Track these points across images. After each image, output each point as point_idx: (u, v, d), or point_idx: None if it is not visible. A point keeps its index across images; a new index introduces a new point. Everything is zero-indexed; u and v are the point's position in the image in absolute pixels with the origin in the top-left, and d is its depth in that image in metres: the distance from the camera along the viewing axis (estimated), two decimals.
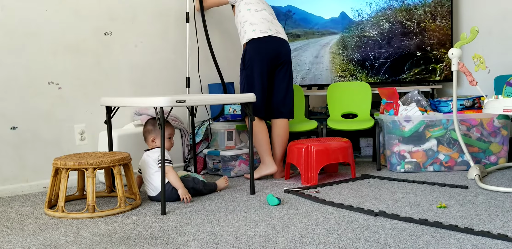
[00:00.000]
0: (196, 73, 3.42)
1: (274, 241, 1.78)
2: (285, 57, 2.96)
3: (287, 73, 2.98)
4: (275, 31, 2.93)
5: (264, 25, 2.91)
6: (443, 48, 3.75)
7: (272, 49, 2.90)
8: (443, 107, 3.20)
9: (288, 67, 2.99)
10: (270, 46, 2.90)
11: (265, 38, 2.88)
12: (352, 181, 2.86)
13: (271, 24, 2.95)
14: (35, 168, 2.75)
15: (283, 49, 2.95)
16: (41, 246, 1.78)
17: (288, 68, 2.99)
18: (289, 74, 3.01)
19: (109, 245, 1.78)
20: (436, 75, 3.80)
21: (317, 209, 2.22)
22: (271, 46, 2.90)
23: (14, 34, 2.72)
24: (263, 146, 2.89)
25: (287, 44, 2.99)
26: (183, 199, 2.35)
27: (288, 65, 2.99)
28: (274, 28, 2.95)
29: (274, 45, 2.91)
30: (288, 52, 2.99)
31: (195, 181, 2.53)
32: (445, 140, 3.08)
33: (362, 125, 3.26)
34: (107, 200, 2.51)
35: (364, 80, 3.82)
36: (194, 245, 1.76)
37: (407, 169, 3.10)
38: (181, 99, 2.22)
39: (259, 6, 2.99)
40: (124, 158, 2.32)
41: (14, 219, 2.18)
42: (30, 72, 2.79)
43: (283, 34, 2.99)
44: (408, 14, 3.78)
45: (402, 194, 2.48)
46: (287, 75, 2.99)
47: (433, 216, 2.06)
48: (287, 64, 2.98)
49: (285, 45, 2.97)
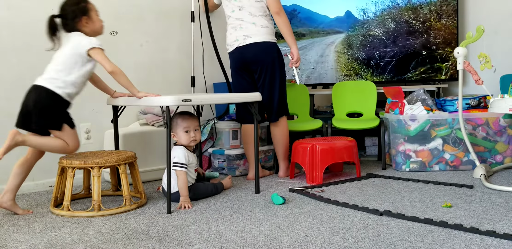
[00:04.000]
0: (201, 72, 3.43)
1: (278, 240, 1.78)
2: (255, 61, 2.81)
3: (266, 77, 2.83)
4: (242, 39, 2.79)
5: (232, 37, 2.85)
6: (448, 47, 3.73)
7: (238, 60, 2.86)
8: (449, 107, 3.19)
9: (265, 71, 2.82)
10: (237, 57, 2.86)
11: (232, 53, 2.88)
12: (357, 180, 2.86)
13: (239, 31, 2.80)
14: (41, 167, 2.75)
15: (248, 55, 2.80)
16: (47, 245, 1.79)
17: (265, 72, 2.82)
18: (269, 77, 2.83)
19: (114, 243, 1.79)
20: (442, 74, 3.78)
21: (322, 208, 2.22)
22: (237, 57, 2.86)
23: (20, 34, 2.74)
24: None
25: (255, 47, 2.78)
26: (181, 206, 2.29)
27: (264, 68, 2.81)
28: (242, 34, 2.79)
29: (240, 55, 2.84)
30: (257, 54, 2.79)
31: (208, 189, 2.50)
32: (450, 139, 3.07)
33: (367, 124, 3.26)
34: (112, 199, 2.52)
35: (369, 79, 3.82)
36: (199, 243, 1.76)
37: (413, 168, 3.09)
38: (187, 99, 2.23)
39: (229, 8, 2.86)
40: (129, 157, 2.33)
41: (20, 217, 2.20)
42: (36, 72, 2.79)
43: (253, 36, 2.77)
44: (414, 13, 3.76)
45: (407, 193, 2.48)
46: (267, 79, 2.83)
47: (439, 215, 2.06)
48: (264, 67, 2.81)
49: (251, 50, 2.79)
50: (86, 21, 2.31)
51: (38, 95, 2.23)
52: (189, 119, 2.44)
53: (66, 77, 2.25)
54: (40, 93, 2.23)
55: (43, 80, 2.25)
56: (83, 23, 2.30)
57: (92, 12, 2.34)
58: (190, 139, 2.43)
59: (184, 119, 2.42)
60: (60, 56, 2.28)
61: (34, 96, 2.23)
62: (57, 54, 2.31)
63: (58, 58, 2.28)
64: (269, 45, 2.81)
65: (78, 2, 2.31)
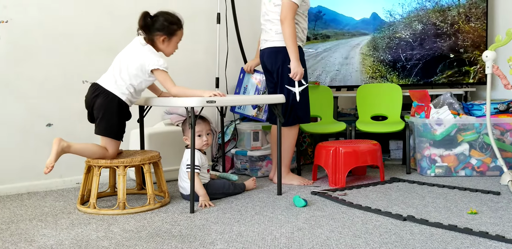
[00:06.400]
0: (223, 73, 3.45)
1: (300, 243, 1.78)
2: (269, 65, 2.79)
3: (278, 81, 2.78)
4: (263, 43, 2.83)
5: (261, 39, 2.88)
6: (477, 50, 3.66)
7: (261, 62, 2.89)
8: (476, 111, 3.13)
9: (276, 75, 2.78)
10: (261, 60, 2.89)
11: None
12: (380, 184, 2.84)
13: (263, 35, 2.84)
14: (69, 164, 2.83)
15: (264, 59, 2.82)
16: (74, 241, 1.84)
17: (276, 76, 2.78)
18: (280, 81, 2.76)
19: (138, 241, 1.82)
20: (470, 78, 3.71)
21: (344, 212, 2.21)
22: (261, 60, 2.89)
23: (51, 35, 2.81)
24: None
25: (268, 51, 2.78)
26: (202, 205, 2.33)
27: (275, 72, 2.77)
28: (263, 38, 2.83)
29: (261, 58, 2.87)
30: (269, 59, 2.78)
31: (225, 185, 2.54)
32: (477, 144, 3.02)
33: (392, 127, 3.23)
34: (137, 197, 2.57)
35: (395, 82, 3.77)
36: (221, 243, 1.78)
37: (438, 173, 3.04)
38: (212, 100, 2.25)
39: (262, 11, 2.85)
40: (154, 157, 2.37)
41: (48, 213, 2.26)
42: (65, 72, 2.88)
43: (269, 41, 2.77)
44: (442, 15, 3.70)
45: (431, 199, 2.45)
46: (278, 83, 2.78)
47: (463, 222, 2.02)
48: (275, 72, 2.77)
49: (265, 54, 2.80)
50: (164, 41, 2.38)
51: (106, 101, 2.28)
52: (201, 124, 2.47)
53: (132, 84, 2.32)
54: (108, 98, 2.29)
55: (109, 84, 2.30)
56: (161, 40, 2.37)
57: (176, 37, 2.41)
58: (203, 143, 2.47)
59: (196, 124, 2.42)
60: (126, 63, 2.32)
61: (102, 101, 2.28)
62: (124, 57, 2.35)
63: (124, 65, 2.33)
64: (279, 49, 2.72)
65: (173, 22, 2.39)
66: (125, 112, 2.36)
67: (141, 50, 2.34)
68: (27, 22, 2.73)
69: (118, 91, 2.29)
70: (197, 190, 2.35)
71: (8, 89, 2.69)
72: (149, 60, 2.30)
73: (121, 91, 2.30)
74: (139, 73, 2.32)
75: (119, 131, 2.33)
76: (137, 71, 2.32)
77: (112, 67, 2.37)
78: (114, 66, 2.36)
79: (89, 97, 2.33)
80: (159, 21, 2.35)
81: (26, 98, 2.74)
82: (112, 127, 2.30)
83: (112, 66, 2.37)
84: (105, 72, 2.38)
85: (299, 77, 2.69)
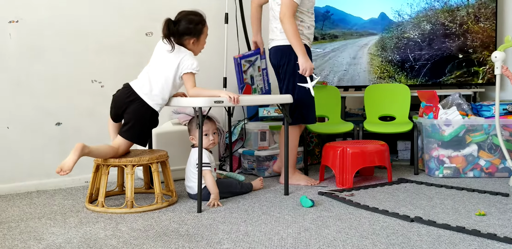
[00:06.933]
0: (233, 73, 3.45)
1: (306, 243, 1.79)
2: (276, 64, 2.79)
3: (283, 80, 2.78)
4: (270, 42, 2.83)
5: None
6: (486, 50, 3.64)
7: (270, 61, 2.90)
8: (485, 112, 3.11)
9: (281, 74, 2.78)
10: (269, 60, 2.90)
11: None
12: (388, 185, 2.83)
13: (269, 33, 2.84)
14: (78, 163, 2.81)
15: (270, 58, 2.84)
16: (82, 239, 1.85)
17: (282, 75, 2.78)
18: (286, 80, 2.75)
19: (146, 240, 1.83)
20: (479, 79, 3.69)
21: (351, 213, 2.20)
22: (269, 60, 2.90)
23: (62, 34, 2.84)
24: None
25: (273, 50, 2.80)
26: (211, 204, 2.34)
27: (281, 71, 2.77)
28: (270, 37, 2.83)
29: (269, 58, 2.88)
30: (275, 58, 2.78)
31: (233, 184, 2.55)
32: (486, 145, 3.00)
33: (400, 127, 3.21)
34: (145, 196, 2.58)
35: (403, 82, 3.76)
36: (228, 243, 1.79)
37: (446, 174, 3.03)
38: (219, 100, 2.26)
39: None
40: (161, 156, 2.38)
41: (57, 211, 2.28)
42: (75, 71, 2.90)
43: (275, 40, 2.78)
44: (450, 15, 3.68)
45: (439, 200, 2.44)
46: (283, 82, 2.77)
47: (471, 223, 2.01)
48: (281, 71, 2.77)
49: (271, 53, 2.82)
50: (193, 42, 2.39)
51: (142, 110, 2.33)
52: (208, 123, 2.48)
53: (165, 94, 2.35)
54: (144, 107, 2.33)
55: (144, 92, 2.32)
56: (190, 43, 2.38)
57: (203, 35, 2.41)
58: (209, 142, 2.48)
59: (204, 123, 2.42)
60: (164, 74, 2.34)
61: (136, 108, 2.32)
62: (160, 61, 2.36)
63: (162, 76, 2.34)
64: (283, 48, 2.71)
65: (197, 22, 2.38)
66: (155, 121, 2.41)
67: (179, 53, 2.34)
68: (37, 22, 2.75)
69: (152, 102, 2.33)
70: (210, 187, 2.37)
71: (18, 88, 2.72)
72: (185, 64, 2.32)
73: (155, 102, 2.34)
74: (176, 81, 2.35)
75: (146, 138, 2.41)
76: (175, 74, 2.34)
77: (147, 74, 2.36)
78: (150, 74, 2.36)
79: (122, 100, 2.35)
80: (183, 25, 2.35)
81: (36, 97, 2.77)
82: (141, 135, 2.36)
83: (148, 73, 2.37)
84: (140, 76, 2.39)
85: (309, 72, 2.65)
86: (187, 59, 2.33)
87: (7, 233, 1.93)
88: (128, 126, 2.34)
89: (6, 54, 2.68)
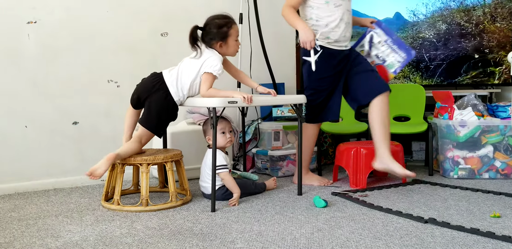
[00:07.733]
0: (248, 74, 3.47)
1: (319, 243, 1.79)
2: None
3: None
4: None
5: None
6: (503, 50, 3.60)
7: None
8: (501, 113, 3.07)
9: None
10: None
11: None
12: (402, 185, 2.82)
13: None
14: (94, 161, 2.87)
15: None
16: (98, 237, 1.88)
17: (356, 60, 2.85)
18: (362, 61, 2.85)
19: (160, 238, 1.86)
20: (495, 79, 3.65)
21: (365, 213, 2.20)
22: None
23: (77, 35, 2.88)
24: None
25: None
26: (232, 203, 2.36)
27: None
28: None
29: None
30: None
31: (247, 184, 2.56)
32: (502, 146, 2.96)
33: (414, 128, 3.20)
34: (159, 195, 2.61)
35: (418, 82, 3.74)
36: (241, 243, 1.80)
37: (461, 175, 3.01)
38: (233, 100, 2.27)
39: None
40: (176, 155, 2.41)
41: (74, 209, 2.32)
42: (91, 71, 2.94)
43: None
44: (466, 15, 3.65)
45: (454, 202, 2.42)
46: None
47: (486, 225, 2.00)
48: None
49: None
50: (221, 45, 2.42)
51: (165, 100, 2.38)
52: (223, 122, 2.50)
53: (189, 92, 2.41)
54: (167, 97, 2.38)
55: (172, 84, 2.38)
56: (218, 46, 2.42)
57: (230, 37, 2.43)
58: (227, 139, 2.50)
59: (218, 122, 2.44)
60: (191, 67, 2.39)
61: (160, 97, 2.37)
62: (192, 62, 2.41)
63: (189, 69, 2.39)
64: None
65: (222, 25, 2.41)
66: (174, 114, 2.45)
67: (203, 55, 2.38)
68: (54, 22, 2.80)
69: (175, 94, 2.38)
70: (232, 188, 2.39)
71: (36, 88, 2.77)
72: (207, 64, 2.36)
73: (178, 94, 2.39)
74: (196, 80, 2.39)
75: (162, 128, 2.48)
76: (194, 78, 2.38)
77: (180, 68, 2.42)
78: (182, 68, 2.41)
79: (149, 86, 2.40)
80: (208, 30, 2.40)
81: (53, 97, 2.82)
82: (158, 124, 2.42)
83: (181, 67, 2.42)
84: (173, 67, 2.45)
85: (309, 45, 2.55)
86: (212, 60, 2.37)
87: (25, 231, 1.97)
88: (148, 115, 2.40)
89: (25, 55, 2.73)
